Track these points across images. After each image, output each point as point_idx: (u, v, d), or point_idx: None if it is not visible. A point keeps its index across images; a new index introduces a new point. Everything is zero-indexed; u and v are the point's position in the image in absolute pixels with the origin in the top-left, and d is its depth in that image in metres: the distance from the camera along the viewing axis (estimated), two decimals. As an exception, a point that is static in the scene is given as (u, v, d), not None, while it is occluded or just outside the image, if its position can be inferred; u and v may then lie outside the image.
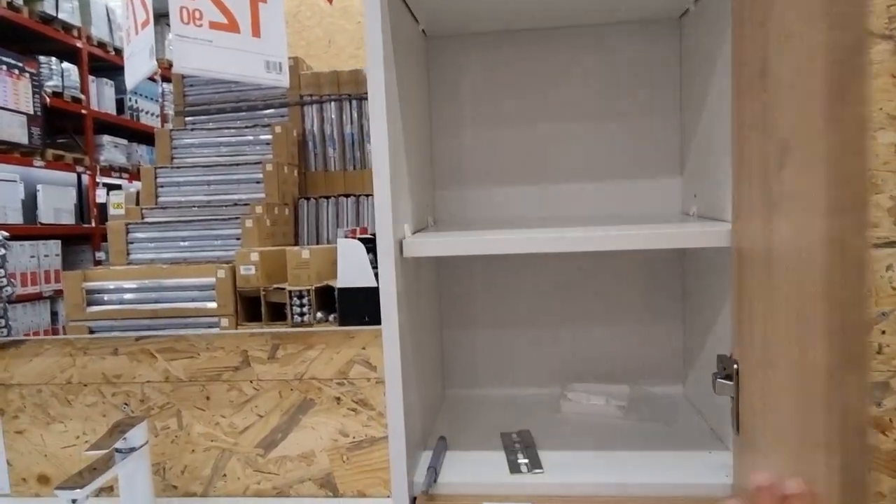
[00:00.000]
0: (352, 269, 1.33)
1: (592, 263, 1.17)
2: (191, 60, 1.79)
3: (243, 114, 2.57)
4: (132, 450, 1.14)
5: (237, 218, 2.03)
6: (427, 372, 1.03)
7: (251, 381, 1.27)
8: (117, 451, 1.13)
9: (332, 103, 2.51)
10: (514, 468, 0.88)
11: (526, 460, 0.90)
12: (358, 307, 1.28)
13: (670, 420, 1.03)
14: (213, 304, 1.58)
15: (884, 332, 0.98)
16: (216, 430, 1.29)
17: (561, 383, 1.18)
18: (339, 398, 1.25)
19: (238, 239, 2.06)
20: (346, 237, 1.49)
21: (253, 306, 1.63)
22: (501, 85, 1.14)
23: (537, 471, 0.87)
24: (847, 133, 0.40)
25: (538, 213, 1.16)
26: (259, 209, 2.12)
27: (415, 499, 0.85)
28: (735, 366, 0.80)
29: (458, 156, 1.17)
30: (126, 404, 1.31)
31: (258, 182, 2.24)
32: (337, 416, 1.26)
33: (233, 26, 1.79)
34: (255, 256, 1.77)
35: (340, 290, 1.33)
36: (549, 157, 1.14)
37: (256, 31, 1.87)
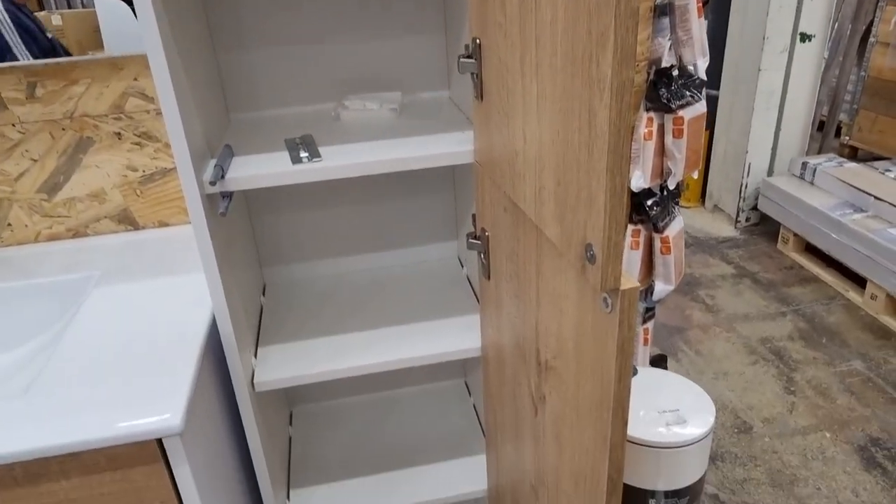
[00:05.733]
0: (119, 36, 1.17)
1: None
2: None
3: None
4: None
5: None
6: (206, 97, 1.04)
7: (13, 125, 1.19)
8: None
9: None
10: (297, 160, 0.98)
11: (307, 154, 1.00)
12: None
13: (436, 116, 1.18)
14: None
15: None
16: (-14, 180, 1.22)
17: (339, 97, 1.26)
18: (119, 133, 1.23)
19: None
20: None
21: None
22: None
23: (316, 159, 0.98)
24: None
25: None
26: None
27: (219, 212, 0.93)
28: (476, 41, 0.92)
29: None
30: None
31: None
32: (121, 151, 1.25)
33: None
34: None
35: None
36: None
37: None
